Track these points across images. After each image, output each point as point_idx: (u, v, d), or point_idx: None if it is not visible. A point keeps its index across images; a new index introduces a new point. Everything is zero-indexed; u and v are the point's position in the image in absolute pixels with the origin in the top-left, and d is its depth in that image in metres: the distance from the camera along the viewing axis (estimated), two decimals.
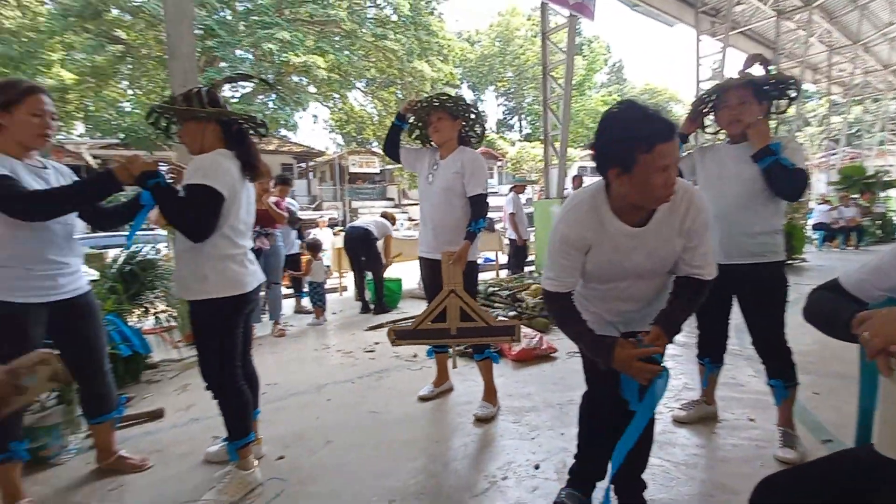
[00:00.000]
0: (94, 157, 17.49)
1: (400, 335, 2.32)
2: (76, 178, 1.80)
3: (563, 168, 7.35)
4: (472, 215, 2.37)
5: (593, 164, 1.24)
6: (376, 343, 3.91)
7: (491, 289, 4.76)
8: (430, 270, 2.51)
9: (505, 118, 38.73)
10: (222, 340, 1.73)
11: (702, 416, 2.26)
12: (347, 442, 2.23)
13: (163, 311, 3.60)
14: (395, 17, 16.27)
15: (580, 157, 24.06)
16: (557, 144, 7.51)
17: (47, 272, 1.68)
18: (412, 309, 5.28)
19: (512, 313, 4.14)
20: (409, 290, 6.04)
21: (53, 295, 1.70)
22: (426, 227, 2.51)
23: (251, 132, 1.83)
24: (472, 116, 2.47)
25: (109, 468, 2.02)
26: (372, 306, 5.21)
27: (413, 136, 2.65)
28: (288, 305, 5.38)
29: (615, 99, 27.58)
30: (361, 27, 15.54)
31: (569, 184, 7.70)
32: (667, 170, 1.13)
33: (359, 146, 24.52)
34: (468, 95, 33.95)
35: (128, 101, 15.83)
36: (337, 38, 15.65)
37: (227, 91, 14.74)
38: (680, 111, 36.34)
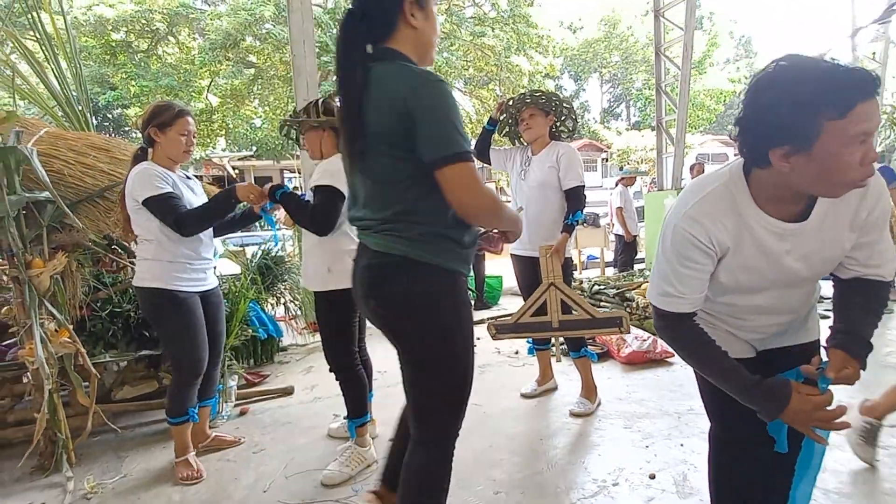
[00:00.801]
0: (234, 167, 20.28)
1: (500, 329, 2.33)
2: (203, 192, 2.14)
3: (680, 156, 6.70)
4: (569, 208, 2.35)
5: (736, 145, 0.95)
6: (477, 338, 3.93)
7: (596, 287, 4.54)
8: (525, 268, 2.49)
9: (610, 106, 36.49)
10: (343, 327, 1.91)
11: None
12: None
13: (290, 301, 4.04)
14: (493, 14, 16.28)
15: (700, 144, 21.68)
16: (673, 131, 6.88)
17: (200, 267, 2.01)
18: (512, 306, 5.26)
19: None
20: (510, 287, 6.01)
21: (202, 286, 2.02)
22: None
23: None
24: (565, 111, 2.43)
25: (206, 448, 2.21)
26: (473, 302, 5.30)
27: (503, 134, 2.65)
28: None
29: (744, 76, 24.34)
30: (460, 27, 15.81)
31: (686, 174, 7.02)
32: (866, 141, 0.82)
33: None
34: (569, 86, 32.56)
35: (258, 117, 18.08)
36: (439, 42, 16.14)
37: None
38: None
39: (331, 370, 1.98)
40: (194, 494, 1.89)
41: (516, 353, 3.45)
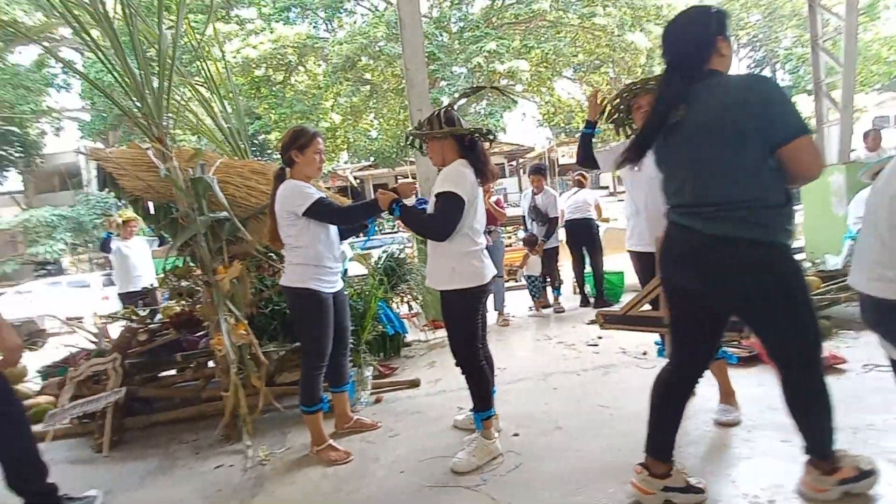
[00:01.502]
0: (355, 178, 22.24)
1: (609, 319, 2.31)
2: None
3: (847, 123, 5.51)
4: None
5: None
6: (599, 337, 3.82)
7: None
8: (645, 264, 2.34)
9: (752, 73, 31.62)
10: (467, 325, 2.02)
11: None
12: (577, 430, 2.27)
13: (412, 300, 4.33)
14: None
15: (876, 105, 17.60)
16: (836, 94, 5.71)
17: (335, 270, 2.29)
18: None
19: None
20: (633, 283, 5.65)
21: (335, 288, 2.30)
22: (637, 218, 2.38)
23: (482, 140, 2.05)
24: None
25: (350, 430, 2.49)
26: (592, 299, 5.10)
27: (609, 121, 2.43)
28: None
29: None
30: (567, 12, 15.19)
31: (857, 143, 5.77)
32: None
33: (568, 137, 24.10)
34: None
35: (374, 129, 19.51)
36: (542, 31, 15.71)
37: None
38: None
39: (456, 364, 2.09)
40: (344, 469, 2.16)
41: (644, 354, 3.25)
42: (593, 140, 2.45)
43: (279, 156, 2.32)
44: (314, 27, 18.08)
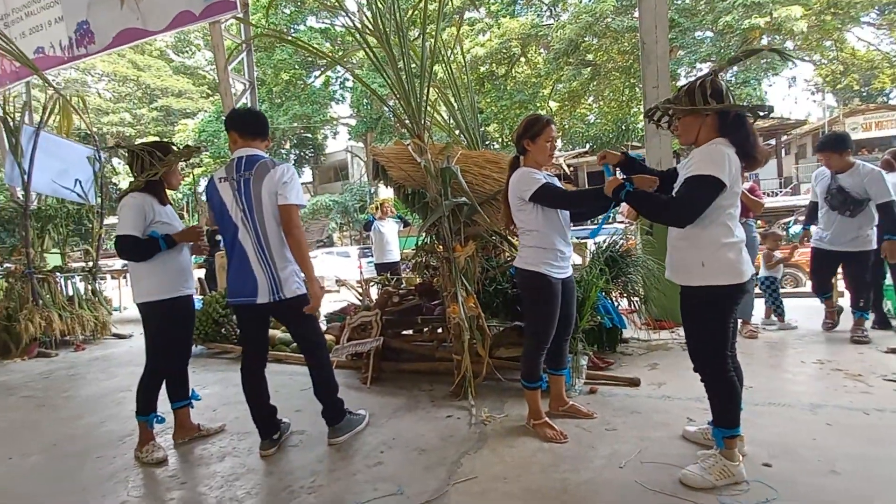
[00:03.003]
0: (569, 165, 21.84)
1: None
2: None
3: None
4: None
5: None
6: None
7: None
8: None
9: None
10: (716, 327, 1.78)
11: None
12: (866, 479, 1.78)
13: (633, 295, 4.05)
14: None
15: None
16: None
17: (564, 255, 2.32)
18: None
19: None
20: None
21: (565, 273, 2.35)
22: None
23: (754, 117, 1.75)
24: None
25: (564, 414, 2.54)
26: (893, 322, 3.82)
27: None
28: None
29: None
30: None
31: None
32: None
33: (862, 102, 18.12)
34: None
35: (592, 113, 18.69)
36: None
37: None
38: None
39: (695, 370, 1.88)
40: (559, 448, 2.22)
41: None
42: None
43: (513, 144, 2.46)
44: (538, 15, 18.27)
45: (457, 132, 4.43)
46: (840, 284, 4.17)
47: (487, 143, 21.13)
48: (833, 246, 3.72)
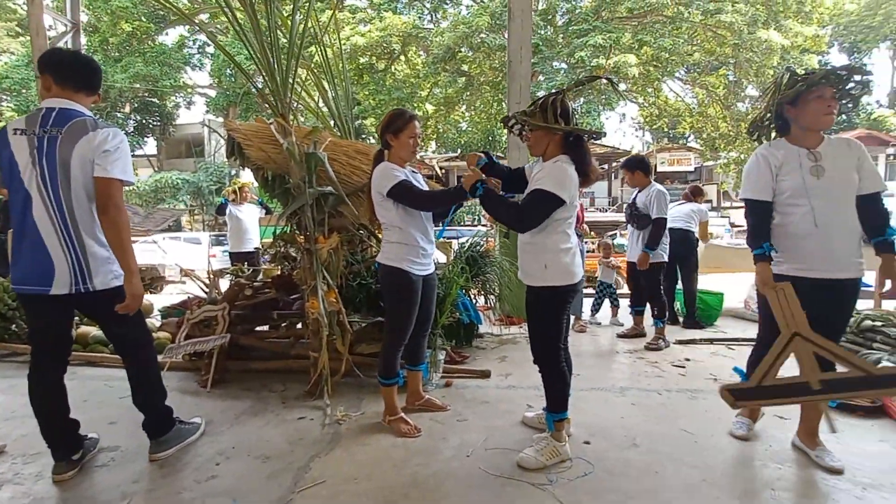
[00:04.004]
0: (440, 167, 22.67)
1: (739, 395, 1.88)
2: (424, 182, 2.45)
3: None
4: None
5: None
6: (687, 359, 3.57)
7: (867, 322, 3.54)
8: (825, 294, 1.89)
9: None
10: (552, 322, 1.99)
11: None
12: (657, 451, 2.15)
13: (489, 293, 4.34)
14: None
15: None
16: None
17: (426, 253, 2.33)
18: (732, 329, 4.54)
19: None
20: (732, 308, 5.18)
21: (427, 270, 2.36)
22: (818, 238, 1.89)
23: (588, 139, 1.99)
24: (861, 82, 1.90)
25: (420, 408, 2.58)
26: (681, 319, 4.75)
27: (767, 126, 2.13)
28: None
29: None
30: (689, 7, 14.12)
31: None
32: None
33: (671, 142, 22.48)
34: (841, 61, 25.76)
35: (465, 121, 19.69)
36: (658, 27, 14.76)
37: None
38: None
39: (535, 362, 2.07)
40: (412, 442, 2.25)
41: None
42: None
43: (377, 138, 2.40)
44: (420, 17, 18.56)
45: (330, 120, 4.23)
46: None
47: (364, 136, 20.73)
48: (631, 257, 4.12)
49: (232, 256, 6.08)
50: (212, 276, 4.40)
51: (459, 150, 20.63)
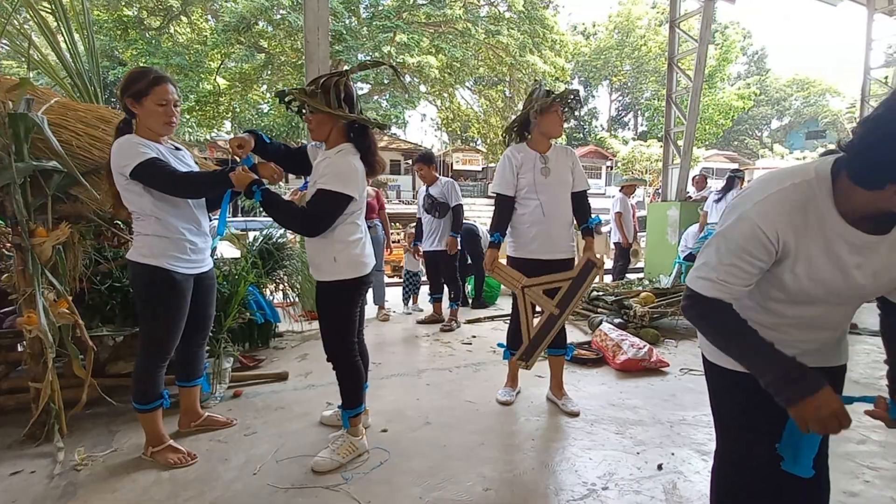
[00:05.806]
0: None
1: (524, 356, 2.40)
2: (195, 163, 2.04)
3: (686, 167, 6.75)
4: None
5: (855, 170, 0.87)
6: (473, 336, 3.98)
7: (595, 293, 4.55)
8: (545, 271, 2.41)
9: (619, 115, 36.69)
10: (344, 317, 1.90)
11: None
12: (445, 425, 2.31)
13: (288, 288, 4.04)
14: (508, 14, 16.30)
15: (705, 158, 21.80)
16: (680, 142, 6.90)
17: (195, 247, 1.91)
18: (508, 306, 5.25)
19: (618, 321, 3.92)
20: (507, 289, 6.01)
21: (199, 268, 1.96)
22: (544, 225, 2.39)
23: (373, 129, 1.95)
24: (576, 99, 2.49)
25: (198, 428, 2.21)
26: (470, 300, 5.30)
27: (515, 130, 2.54)
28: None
29: (754, 93, 24.28)
30: (475, 25, 15.81)
31: (691, 187, 7.04)
32: None
33: (463, 144, 25.11)
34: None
35: (266, 102, 18.01)
36: (451, 37, 16.13)
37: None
38: (838, 105, 30.93)
39: (328, 359, 1.97)
40: (183, 473, 1.89)
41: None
42: None
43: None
44: None
45: (63, 76, 3.24)
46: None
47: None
48: (428, 247, 4.30)
49: None
50: None
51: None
